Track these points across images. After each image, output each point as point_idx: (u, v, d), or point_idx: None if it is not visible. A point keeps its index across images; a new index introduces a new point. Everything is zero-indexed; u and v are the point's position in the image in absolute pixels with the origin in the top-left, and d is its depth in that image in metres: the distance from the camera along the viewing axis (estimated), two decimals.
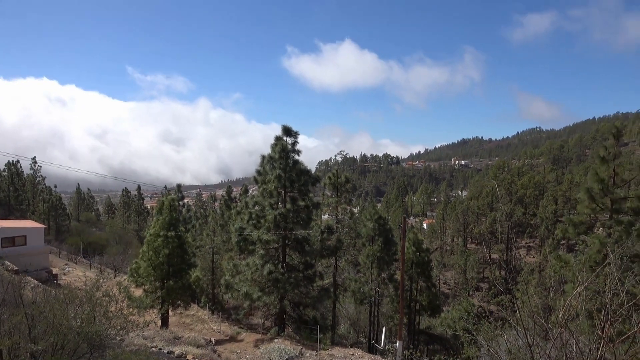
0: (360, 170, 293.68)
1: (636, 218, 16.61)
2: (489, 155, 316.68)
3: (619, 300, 6.26)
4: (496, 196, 76.90)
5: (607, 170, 16.68)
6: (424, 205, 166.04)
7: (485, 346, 7.67)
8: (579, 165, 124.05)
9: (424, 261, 33.87)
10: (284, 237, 23.11)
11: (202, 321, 29.08)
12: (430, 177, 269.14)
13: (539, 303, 7.84)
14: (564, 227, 17.68)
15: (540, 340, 6.93)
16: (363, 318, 34.68)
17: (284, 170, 22.61)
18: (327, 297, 25.33)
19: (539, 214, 71.69)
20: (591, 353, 6.26)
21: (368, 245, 31.48)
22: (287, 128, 22.96)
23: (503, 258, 70.75)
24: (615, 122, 19.48)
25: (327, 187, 32.47)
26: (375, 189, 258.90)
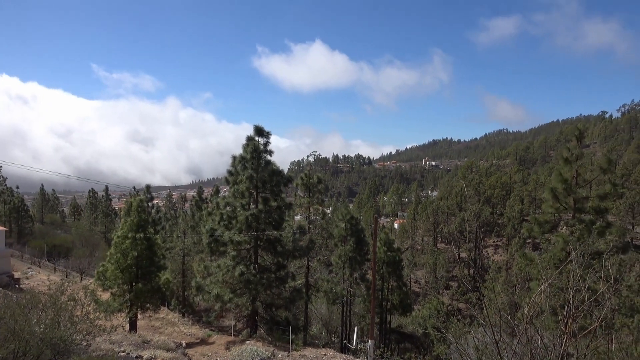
0: (333, 170, 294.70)
1: (597, 217, 17.27)
2: (458, 156, 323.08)
3: (581, 297, 6.49)
4: (465, 196, 78.55)
5: (570, 170, 17.28)
6: (396, 206, 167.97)
7: (454, 343, 7.82)
8: (544, 166, 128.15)
9: (395, 261, 34.25)
10: (255, 238, 22.97)
11: (172, 324, 28.59)
12: (401, 177, 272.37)
13: (505, 300, 8.06)
14: (530, 226, 18.21)
15: (507, 337, 7.11)
16: (335, 318, 34.80)
17: (256, 170, 22.47)
18: (300, 297, 25.31)
19: (506, 213, 73.56)
20: (555, 348, 6.46)
21: (340, 245, 31.61)
22: (259, 128, 22.83)
23: (471, 257, 72.32)
24: (578, 124, 20.22)
25: (300, 188, 32.46)
26: (348, 190, 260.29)
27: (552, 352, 6.22)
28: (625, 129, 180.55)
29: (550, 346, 6.27)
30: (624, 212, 70.36)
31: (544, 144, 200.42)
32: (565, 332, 6.14)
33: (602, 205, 17.33)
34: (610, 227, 17.09)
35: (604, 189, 17.16)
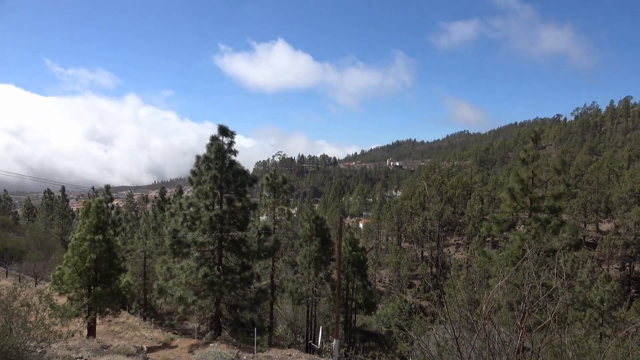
0: (298, 170, 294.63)
1: (552, 216, 18.00)
2: (422, 156, 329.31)
3: (536, 293, 6.75)
4: (427, 196, 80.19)
5: (527, 171, 17.93)
6: (361, 205, 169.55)
7: (416, 341, 7.98)
8: (503, 167, 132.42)
9: (360, 260, 34.58)
10: (220, 239, 22.68)
11: (133, 328, 27.83)
12: (366, 177, 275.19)
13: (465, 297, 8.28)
14: (489, 225, 18.79)
15: (467, 333, 7.31)
16: (300, 318, 34.82)
17: (220, 170, 22.19)
18: (265, 298, 25.17)
19: (467, 212, 75.60)
20: (512, 342, 6.71)
21: (305, 245, 31.64)
22: (223, 128, 22.55)
23: (434, 255, 73.93)
24: (535, 127, 20.98)
25: (265, 188, 32.27)
26: (313, 190, 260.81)
27: (508, 346, 6.45)
28: (578, 131, 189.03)
29: (507, 341, 6.50)
30: (577, 211, 73.60)
31: (503, 145, 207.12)
32: (521, 327, 6.39)
33: (556, 204, 18.07)
34: (564, 226, 17.85)
35: (559, 189, 17.90)
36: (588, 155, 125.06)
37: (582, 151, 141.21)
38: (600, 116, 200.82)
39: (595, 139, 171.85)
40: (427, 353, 7.54)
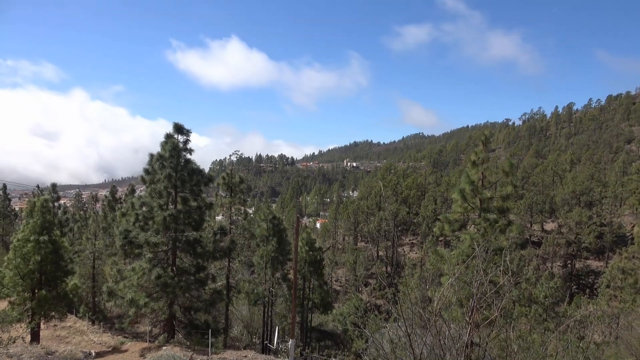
0: (256, 170, 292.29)
1: (500, 216, 18.77)
2: (378, 157, 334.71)
3: (484, 289, 7.04)
4: (383, 196, 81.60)
5: (477, 173, 18.62)
6: (318, 205, 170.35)
7: (370, 338, 8.13)
8: (455, 169, 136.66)
9: (316, 260, 34.74)
10: (174, 239, 22.17)
11: (80, 333, 26.73)
12: (323, 178, 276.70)
13: (419, 295, 8.52)
14: (441, 224, 19.36)
15: (420, 329, 7.52)
16: (257, 319, 34.57)
17: (175, 169, 21.69)
18: (220, 299, 24.80)
19: (421, 213, 77.48)
20: (461, 338, 6.96)
21: (262, 245, 31.45)
22: (178, 125, 22.07)
23: (389, 255, 75.35)
24: (485, 130, 21.81)
25: (221, 188, 31.83)
26: (271, 190, 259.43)
27: (458, 342, 6.69)
28: (526, 135, 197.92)
29: (457, 336, 6.75)
30: (523, 212, 77.08)
31: (456, 147, 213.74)
32: (469, 323, 6.64)
33: (504, 205, 18.86)
34: (512, 225, 18.64)
35: (506, 190, 18.69)
36: (534, 159, 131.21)
37: (529, 154, 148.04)
38: (545, 121, 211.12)
39: (541, 143, 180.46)
40: (381, 350, 7.70)
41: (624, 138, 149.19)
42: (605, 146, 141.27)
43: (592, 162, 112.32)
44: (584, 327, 7.71)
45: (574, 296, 51.67)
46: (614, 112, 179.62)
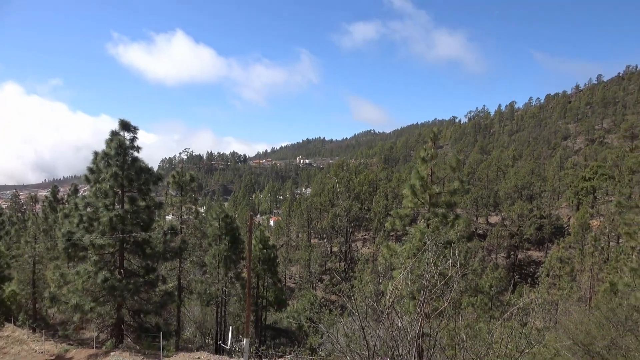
0: (207, 168, 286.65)
1: (448, 210, 19.44)
2: (331, 154, 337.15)
3: (434, 281, 7.28)
4: (336, 193, 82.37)
5: (426, 169, 19.17)
6: (271, 203, 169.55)
7: (325, 333, 8.20)
8: (406, 165, 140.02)
9: (270, 258, 34.59)
10: (121, 240, 21.38)
11: (20, 342, 25.24)
12: (276, 175, 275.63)
13: (372, 289, 8.68)
14: (392, 220, 19.81)
15: (373, 322, 7.67)
16: (210, 319, 34.00)
17: (122, 168, 20.89)
18: (171, 301, 24.19)
19: (373, 208, 78.86)
20: (413, 329, 7.17)
21: (214, 244, 30.94)
22: (124, 122, 21.25)
23: (342, 250, 76.20)
24: (433, 127, 22.51)
25: (171, 186, 31.04)
26: (223, 188, 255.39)
27: (410, 333, 6.89)
28: (471, 132, 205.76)
29: (409, 327, 6.94)
30: (470, 206, 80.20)
31: (406, 144, 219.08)
32: (420, 314, 6.85)
33: (452, 199, 19.55)
34: (459, 219, 19.36)
35: (454, 186, 19.38)
36: (479, 155, 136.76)
37: (474, 150, 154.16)
38: (489, 119, 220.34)
39: (486, 139, 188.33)
40: (336, 344, 7.79)
41: (561, 135, 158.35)
42: (544, 142, 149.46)
43: (532, 157, 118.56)
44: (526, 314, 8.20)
45: (517, 285, 54.45)
46: (552, 111, 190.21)
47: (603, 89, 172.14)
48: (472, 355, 7.21)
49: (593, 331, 17.78)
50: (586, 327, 18.33)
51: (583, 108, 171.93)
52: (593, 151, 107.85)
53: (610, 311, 19.33)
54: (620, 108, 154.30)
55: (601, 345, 17.05)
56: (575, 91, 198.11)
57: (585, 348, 17.74)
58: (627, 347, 16.07)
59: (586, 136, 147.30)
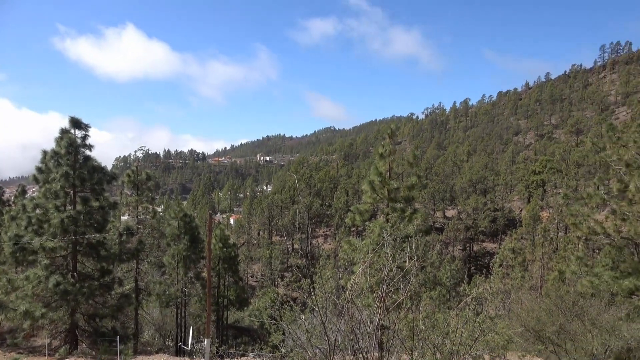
0: (164, 166, 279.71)
1: (406, 205, 19.87)
2: (291, 151, 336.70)
3: (392, 275, 7.45)
4: (297, 190, 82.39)
5: (384, 165, 19.50)
6: (231, 201, 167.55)
7: (287, 330, 8.24)
8: (365, 161, 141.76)
9: (231, 256, 34.25)
10: (74, 242, 20.58)
11: None
12: (236, 173, 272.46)
13: (333, 284, 8.78)
14: (352, 215, 20.04)
15: (335, 317, 7.77)
16: (170, 321, 33.32)
17: (73, 167, 20.09)
18: (128, 304, 23.52)
19: (334, 204, 79.48)
20: (372, 322, 7.32)
21: (173, 244, 30.31)
22: (75, 120, 20.41)
23: (304, 247, 76.40)
24: (391, 124, 22.87)
25: (127, 186, 30.21)
26: (181, 186, 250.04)
27: (370, 326, 7.03)
28: (428, 129, 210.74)
29: (368, 321, 7.08)
30: (427, 200, 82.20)
31: (365, 141, 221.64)
32: (379, 307, 7.00)
33: (410, 194, 19.99)
34: (417, 214, 19.81)
35: (411, 181, 19.81)
36: (436, 150, 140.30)
37: (431, 146, 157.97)
38: (445, 115, 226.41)
39: (442, 135, 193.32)
40: (297, 341, 7.84)
41: (512, 130, 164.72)
42: (497, 138, 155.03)
43: (486, 152, 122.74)
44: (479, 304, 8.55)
45: (472, 276, 56.35)
46: (503, 107, 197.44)
47: (551, 86, 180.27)
48: (430, 345, 7.44)
49: (543, 318, 18.73)
50: (537, 314, 19.28)
51: (533, 105, 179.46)
52: (542, 146, 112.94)
53: (559, 298, 20.40)
54: (566, 105, 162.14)
55: (551, 330, 17.99)
56: (526, 88, 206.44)
57: (536, 334, 18.66)
58: (575, 332, 17.03)
59: (536, 132, 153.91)
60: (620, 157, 19.41)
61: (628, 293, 19.22)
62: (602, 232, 20.01)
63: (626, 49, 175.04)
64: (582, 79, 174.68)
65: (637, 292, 18.96)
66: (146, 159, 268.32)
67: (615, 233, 19.64)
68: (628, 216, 19.27)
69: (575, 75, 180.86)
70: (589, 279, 19.99)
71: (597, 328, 16.19)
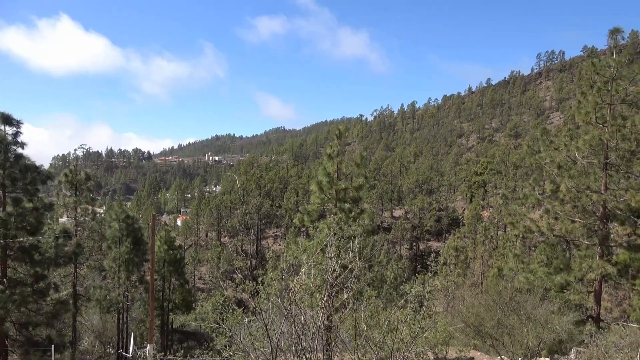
0: (107, 166, 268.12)
1: (354, 205, 20.16)
2: (241, 151, 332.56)
3: (336, 275, 7.53)
4: (247, 190, 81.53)
5: (332, 165, 19.68)
6: (178, 202, 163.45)
7: (230, 333, 8.13)
8: (315, 161, 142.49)
9: (177, 259, 33.36)
10: (3, 246, 19.28)
11: None
12: (184, 172, 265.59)
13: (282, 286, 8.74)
14: (301, 216, 20.07)
15: (278, 318, 7.74)
16: (111, 327, 31.96)
17: (3, 166, 18.83)
18: (65, 310, 22.35)
19: (284, 205, 79.31)
20: (316, 322, 7.35)
21: (115, 247, 29.12)
22: (5, 115, 19.12)
23: (253, 248, 75.69)
24: (340, 125, 23.14)
25: (64, 186, 28.72)
26: (125, 187, 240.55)
27: (313, 326, 7.06)
28: (377, 130, 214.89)
29: (311, 321, 7.11)
30: (375, 200, 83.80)
31: (315, 141, 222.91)
32: (322, 307, 7.05)
33: (358, 195, 20.30)
34: (364, 214, 20.14)
35: (359, 181, 20.12)
36: (384, 151, 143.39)
37: (380, 147, 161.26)
38: (393, 117, 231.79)
39: (390, 137, 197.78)
40: (240, 345, 7.75)
41: (456, 133, 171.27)
42: (442, 140, 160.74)
43: (431, 154, 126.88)
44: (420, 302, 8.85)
45: (418, 274, 57.98)
46: (448, 110, 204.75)
47: (492, 91, 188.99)
48: (372, 344, 7.58)
49: (482, 313, 19.57)
50: (476, 309, 20.12)
51: (475, 109, 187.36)
52: (484, 148, 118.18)
53: (497, 294, 21.41)
54: (506, 109, 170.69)
55: (489, 325, 18.84)
56: (468, 93, 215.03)
57: (476, 329, 19.48)
58: (511, 326, 17.93)
59: (478, 134, 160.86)
60: (553, 160, 20.67)
61: (560, 288, 20.50)
62: (537, 230, 21.23)
63: (560, 58, 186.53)
64: (520, 85, 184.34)
65: (568, 287, 20.25)
66: (87, 158, 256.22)
67: (549, 231, 20.88)
68: (560, 215, 20.54)
69: (514, 81, 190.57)
70: (525, 275, 21.14)
71: (531, 322, 17.11)
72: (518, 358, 16.55)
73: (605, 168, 19.10)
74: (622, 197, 18.52)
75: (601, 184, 18.97)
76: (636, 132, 18.50)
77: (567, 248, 25.59)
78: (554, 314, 17.83)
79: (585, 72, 20.45)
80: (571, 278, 19.44)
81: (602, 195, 18.71)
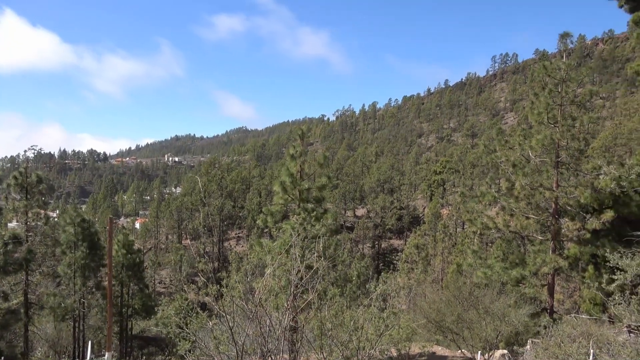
0: (60, 168, 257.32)
1: (317, 205, 20.21)
2: (202, 152, 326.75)
3: (300, 275, 7.52)
4: (208, 191, 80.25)
5: (295, 166, 19.66)
6: (137, 204, 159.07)
7: (193, 338, 7.97)
8: (278, 162, 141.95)
9: (135, 263, 32.40)
10: None
11: None
12: (142, 174, 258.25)
13: (246, 288, 8.65)
14: (264, 217, 19.94)
15: (243, 321, 7.65)
16: (66, 336, 30.68)
17: None
18: (16, 320, 21.38)
19: (246, 206, 78.60)
20: (281, 323, 7.32)
21: (69, 252, 27.98)
22: None
23: (216, 250, 74.64)
24: (303, 125, 23.20)
25: (13, 189, 27.31)
26: (80, 189, 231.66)
27: (278, 328, 7.02)
28: (339, 130, 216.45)
29: (277, 323, 7.07)
30: (338, 200, 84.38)
31: (278, 141, 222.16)
32: (288, 308, 7.03)
33: (321, 194, 20.35)
34: (327, 213, 20.22)
35: (322, 181, 20.18)
36: (347, 151, 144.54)
37: (342, 147, 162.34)
38: (355, 117, 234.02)
39: (352, 137, 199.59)
40: (205, 349, 7.62)
41: (416, 133, 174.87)
42: (403, 140, 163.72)
43: (392, 154, 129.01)
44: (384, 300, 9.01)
45: (381, 272, 58.84)
46: (408, 111, 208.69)
47: (449, 93, 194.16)
48: (338, 343, 7.62)
49: (443, 309, 20.08)
50: (437, 305, 20.63)
51: (434, 109, 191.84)
52: (442, 148, 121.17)
53: (457, 289, 22.02)
54: (463, 110, 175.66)
55: (450, 320, 19.34)
56: (427, 94, 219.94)
57: (437, 324, 19.97)
58: (471, 320, 18.49)
59: (437, 134, 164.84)
60: (508, 159, 21.43)
61: (516, 282, 21.28)
62: (494, 226, 21.94)
63: (513, 60, 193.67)
64: (476, 86, 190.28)
65: (523, 281, 21.04)
66: (38, 160, 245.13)
67: (505, 227, 21.63)
68: (515, 212, 21.32)
69: (471, 83, 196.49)
70: (482, 271, 21.80)
71: (490, 315, 17.69)
72: (477, 351, 17.08)
73: (557, 166, 19.95)
74: (572, 194, 19.42)
75: (553, 181, 19.81)
76: (584, 132, 19.48)
77: (522, 243, 26.62)
78: (510, 308, 18.50)
79: (537, 75, 21.29)
80: (526, 272, 20.19)
81: (554, 192, 19.55)
